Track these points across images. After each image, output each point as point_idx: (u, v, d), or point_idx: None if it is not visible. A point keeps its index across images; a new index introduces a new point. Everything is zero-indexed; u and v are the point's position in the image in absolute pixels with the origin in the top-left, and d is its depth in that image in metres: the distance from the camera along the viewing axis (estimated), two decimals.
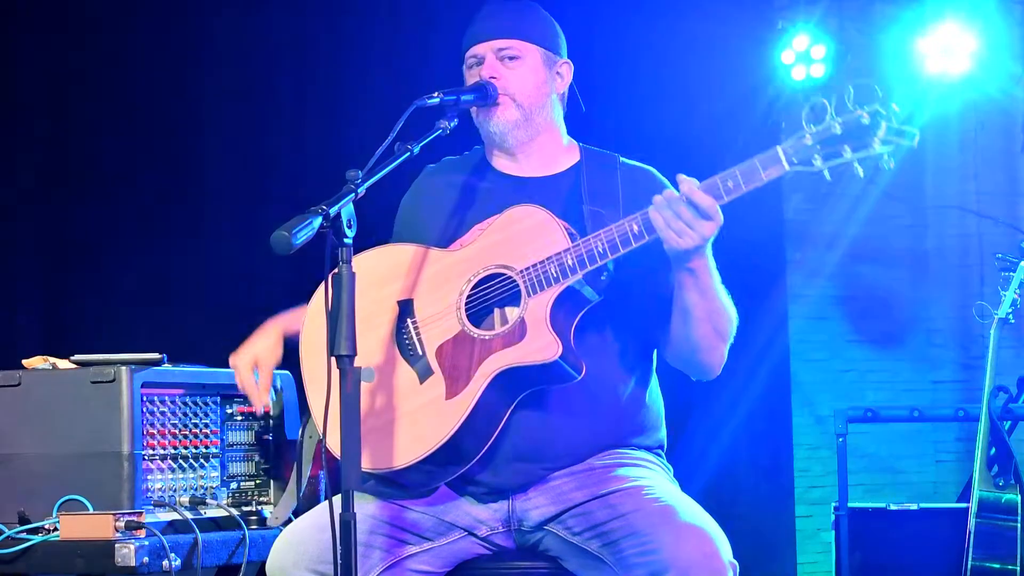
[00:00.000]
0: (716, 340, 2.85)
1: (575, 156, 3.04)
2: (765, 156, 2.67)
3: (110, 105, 5.02)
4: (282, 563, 2.78)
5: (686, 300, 2.78)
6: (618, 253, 2.73)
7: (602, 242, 2.73)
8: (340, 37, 5.26)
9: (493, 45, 2.98)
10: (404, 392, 2.78)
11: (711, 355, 2.87)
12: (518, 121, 2.97)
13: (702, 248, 2.71)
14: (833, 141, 2.65)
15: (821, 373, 7.03)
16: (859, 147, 2.64)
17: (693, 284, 2.75)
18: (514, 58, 2.98)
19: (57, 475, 3.28)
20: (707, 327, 2.81)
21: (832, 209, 6.99)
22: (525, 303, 2.76)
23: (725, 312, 2.84)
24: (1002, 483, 4.54)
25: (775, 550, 6.12)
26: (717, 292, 2.80)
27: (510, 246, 2.82)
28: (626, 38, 5.58)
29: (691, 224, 2.67)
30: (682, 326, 2.82)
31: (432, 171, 3.13)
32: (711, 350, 2.86)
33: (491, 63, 2.97)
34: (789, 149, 2.66)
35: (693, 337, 2.83)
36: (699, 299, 2.77)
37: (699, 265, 2.74)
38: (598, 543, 2.77)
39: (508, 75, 2.96)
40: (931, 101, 6.96)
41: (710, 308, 2.79)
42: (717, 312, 2.81)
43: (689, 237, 2.68)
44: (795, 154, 2.65)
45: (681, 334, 2.83)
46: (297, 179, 5.04)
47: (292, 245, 2.44)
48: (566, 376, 2.75)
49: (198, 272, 5.07)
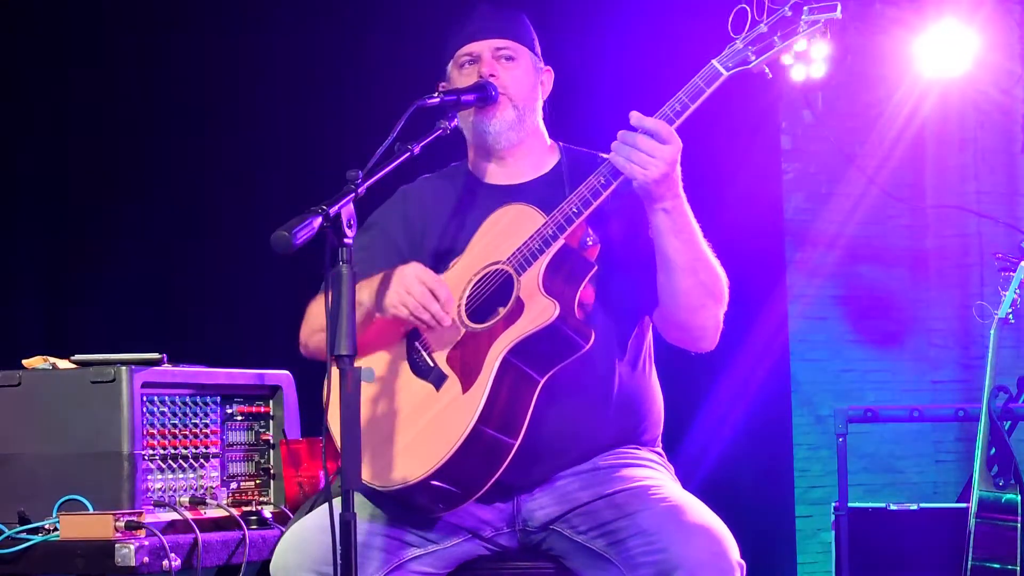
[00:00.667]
0: (704, 297, 2.82)
1: (556, 156, 3.04)
2: (703, 72, 2.76)
3: (110, 105, 5.01)
4: (286, 564, 2.77)
5: (666, 247, 2.77)
6: (591, 207, 2.75)
7: (574, 203, 2.76)
8: (340, 36, 5.26)
9: (491, 44, 2.98)
10: (424, 405, 2.78)
11: (701, 314, 2.84)
12: (513, 122, 2.97)
13: (671, 178, 2.72)
14: (762, 38, 2.76)
15: (821, 373, 7.03)
16: (787, 35, 2.76)
17: (671, 227, 2.75)
18: (510, 59, 2.99)
19: (57, 475, 3.28)
20: (692, 279, 2.79)
21: (832, 209, 6.99)
22: (518, 283, 2.78)
23: (711, 266, 2.82)
24: (1002, 483, 4.54)
25: (775, 550, 6.11)
26: (699, 240, 2.79)
27: (495, 244, 2.85)
28: (624, 38, 5.59)
29: (651, 152, 2.70)
30: (667, 280, 2.80)
31: (410, 193, 3.10)
32: (700, 308, 2.83)
33: (489, 61, 2.97)
34: (723, 58, 2.76)
35: (679, 291, 2.80)
36: (680, 245, 2.76)
37: (674, 206, 2.74)
38: (604, 542, 2.77)
39: (505, 75, 2.97)
40: (931, 101, 6.97)
41: (693, 257, 2.78)
42: (702, 263, 2.80)
43: (653, 166, 2.69)
44: (730, 59, 2.76)
45: (667, 289, 2.81)
46: (297, 179, 5.04)
47: (292, 245, 2.44)
48: (572, 342, 2.74)
49: (198, 272, 5.07)
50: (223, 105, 5.13)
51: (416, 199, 3.07)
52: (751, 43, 2.76)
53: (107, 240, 5.01)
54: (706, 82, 2.75)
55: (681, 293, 2.81)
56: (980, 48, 6.60)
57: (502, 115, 2.96)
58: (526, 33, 3.04)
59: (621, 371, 2.90)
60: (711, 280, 2.82)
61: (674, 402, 3.14)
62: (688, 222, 2.78)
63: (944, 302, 7.25)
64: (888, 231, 7.23)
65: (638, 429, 2.93)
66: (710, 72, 2.75)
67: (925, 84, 6.83)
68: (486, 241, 2.87)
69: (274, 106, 5.19)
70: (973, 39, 6.57)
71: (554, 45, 3.17)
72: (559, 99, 3.14)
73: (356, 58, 5.26)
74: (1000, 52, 6.83)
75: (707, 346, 2.93)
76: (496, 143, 2.98)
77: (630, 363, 2.92)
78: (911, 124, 7.05)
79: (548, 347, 2.75)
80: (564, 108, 3.12)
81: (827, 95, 6.92)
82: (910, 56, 6.70)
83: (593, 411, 2.86)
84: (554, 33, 3.08)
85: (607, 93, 5.14)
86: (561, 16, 5.11)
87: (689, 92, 2.75)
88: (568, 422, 2.84)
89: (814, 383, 6.97)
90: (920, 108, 6.98)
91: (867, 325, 7.20)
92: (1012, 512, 4.51)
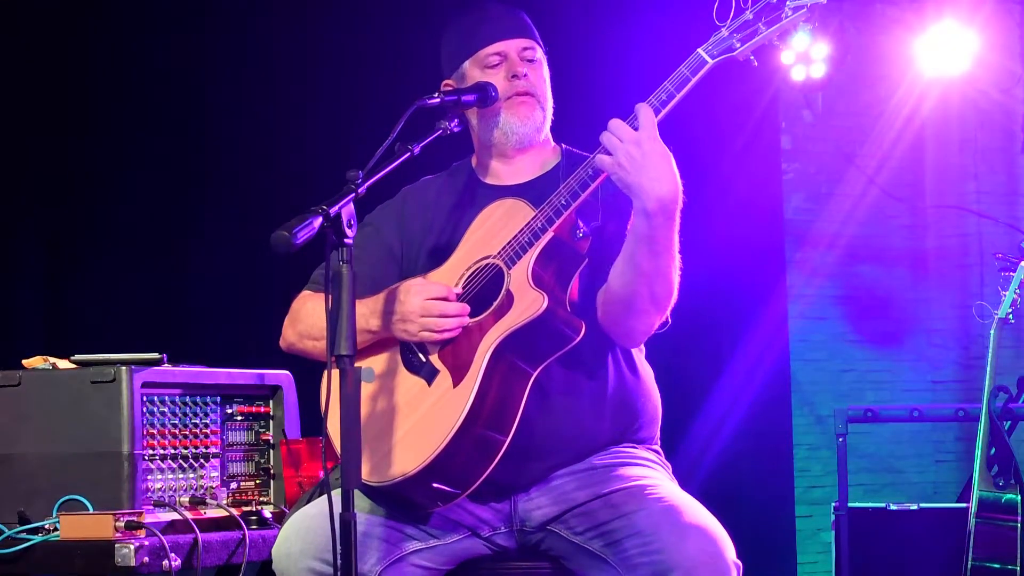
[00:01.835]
0: (649, 305, 2.78)
1: (558, 157, 3.04)
2: (689, 60, 2.75)
3: (110, 105, 5.02)
4: (289, 551, 2.77)
5: (634, 250, 2.72)
6: (580, 199, 2.75)
7: (563, 196, 2.76)
8: (341, 36, 5.26)
9: (518, 44, 2.98)
10: (416, 400, 2.79)
11: (638, 319, 2.81)
12: (540, 124, 2.98)
13: (646, 171, 2.66)
14: (747, 25, 2.75)
15: (821, 373, 7.04)
16: (772, 21, 2.75)
17: (646, 234, 2.68)
18: (533, 60, 2.99)
19: (57, 475, 3.28)
20: (645, 288, 2.74)
21: (832, 209, 6.99)
22: (508, 276, 2.78)
23: (669, 281, 2.77)
24: (1002, 483, 4.54)
25: (775, 550, 6.11)
26: (670, 256, 2.74)
27: (486, 239, 2.85)
28: (624, 39, 5.59)
29: (620, 135, 2.68)
30: (621, 274, 2.76)
31: (410, 194, 3.09)
32: (640, 313, 2.79)
33: (519, 62, 2.96)
34: (709, 46, 2.75)
35: (627, 292, 2.76)
36: (648, 254, 2.71)
37: (657, 210, 2.66)
38: (601, 543, 2.77)
39: (532, 76, 2.97)
40: (931, 101, 6.97)
41: (655, 269, 2.73)
42: (662, 277, 2.74)
43: (620, 151, 2.67)
44: (715, 47, 2.75)
45: (617, 282, 2.77)
46: (297, 179, 5.04)
47: (293, 244, 2.45)
48: (562, 334, 2.74)
49: (198, 272, 5.07)
50: (223, 105, 5.13)
51: (416, 199, 3.07)
52: (736, 30, 2.75)
53: (107, 240, 5.01)
54: (692, 70, 2.74)
55: (629, 294, 2.77)
56: (980, 48, 6.61)
57: (534, 115, 2.96)
58: (537, 35, 3.04)
59: (613, 367, 2.89)
60: (663, 294, 2.78)
61: (674, 402, 3.14)
62: (670, 235, 2.72)
63: (944, 302, 7.26)
64: (888, 231, 7.24)
65: (633, 426, 2.93)
66: (696, 60, 2.75)
67: (925, 84, 6.84)
68: (478, 236, 2.87)
69: (275, 106, 5.19)
70: (973, 39, 6.57)
71: (548, 44, 3.16)
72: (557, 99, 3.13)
73: (357, 58, 5.26)
74: (1000, 52, 6.83)
75: (629, 345, 2.91)
76: (519, 142, 2.97)
77: (622, 359, 2.92)
78: (911, 124, 7.06)
79: (538, 339, 2.75)
80: (557, 109, 3.10)
81: (827, 95, 6.92)
82: (910, 56, 6.71)
83: (586, 407, 2.86)
84: (546, 33, 3.07)
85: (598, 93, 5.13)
86: (551, 15, 5.11)
87: (675, 81, 2.74)
88: (560, 419, 2.83)
89: (814, 383, 6.98)
90: (920, 108, 6.99)
91: (867, 325, 7.21)
92: (1012, 512, 4.51)
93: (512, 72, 2.94)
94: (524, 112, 2.95)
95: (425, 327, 2.76)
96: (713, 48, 2.75)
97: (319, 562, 2.72)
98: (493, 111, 2.94)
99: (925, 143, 7.22)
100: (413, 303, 2.78)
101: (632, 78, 5.11)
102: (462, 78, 2.99)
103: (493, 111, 2.94)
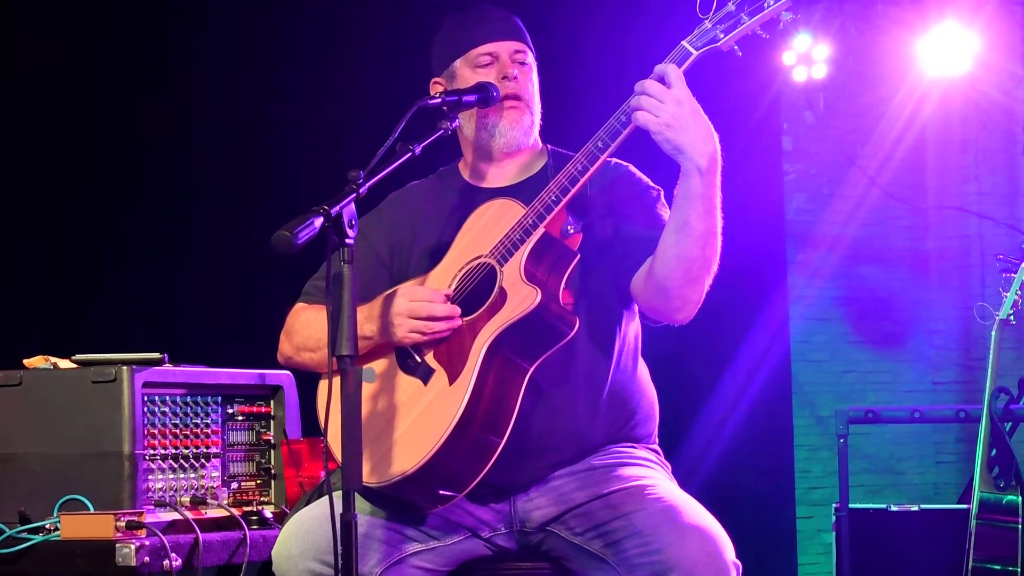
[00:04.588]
0: (703, 270, 2.77)
1: (545, 158, 3.04)
2: (673, 53, 2.75)
3: (110, 105, 5.02)
4: (289, 551, 2.77)
5: (688, 211, 2.70)
6: (569, 194, 2.76)
7: (553, 192, 2.77)
8: (341, 36, 5.26)
9: (510, 46, 2.98)
10: (413, 400, 2.79)
11: (694, 286, 2.78)
12: (529, 127, 2.98)
13: (691, 128, 2.67)
14: (730, 16, 2.75)
15: (822, 374, 7.04)
16: (754, 11, 2.75)
17: (700, 191, 2.68)
18: (524, 63, 2.99)
19: (58, 475, 3.28)
20: (699, 250, 2.73)
21: (833, 210, 6.99)
22: (501, 274, 2.78)
23: (718, 242, 2.77)
24: (1003, 484, 4.54)
25: (775, 551, 6.12)
26: (719, 213, 2.75)
27: (478, 239, 2.85)
28: (625, 39, 5.58)
29: (659, 96, 2.67)
30: (674, 244, 2.73)
31: (399, 199, 3.09)
32: (696, 280, 2.77)
33: (509, 63, 2.96)
34: (692, 38, 2.75)
35: (684, 258, 2.73)
36: (703, 212, 2.70)
37: (709, 167, 2.68)
38: (600, 543, 2.77)
39: (522, 78, 2.97)
40: (932, 102, 6.97)
41: (709, 228, 2.72)
42: (713, 236, 2.74)
43: (663, 111, 2.66)
44: (699, 39, 2.75)
45: (671, 253, 2.74)
46: (298, 179, 5.04)
47: (294, 245, 2.45)
48: (556, 329, 2.75)
49: (198, 272, 5.07)
50: (224, 105, 5.13)
51: (403, 205, 3.07)
52: (719, 22, 2.75)
53: (108, 240, 5.02)
54: (676, 63, 2.73)
55: (685, 260, 2.74)
56: (982, 49, 6.61)
57: (522, 119, 2.96)
58: (529, 40, 3.04)
59: (608, 364, 2.89)
60: (712, 255, 2.77)
61: (675, 403, 3.14)
62: (717, 192, 2.73)
63: (945, 303, 7.26)
64: (889, 232, 7.24)
65: (629, 424, 2.93)
66: (680, 53, 2.74)
67: (927, 85, 6.84)
68: (469, 237, 2.88)
69: (275, 106, 5.19)
70: (975, 40, 6.57)
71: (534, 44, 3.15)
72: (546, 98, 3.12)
73: (357, 58, 5.26)
74: (1002, 53, 6.83)
75: (683, 319, 2.87)
76: (507, 146, 2.97)
77: (617, 356, 2.92)
78: (912, 125, 7.06)
79: (532, 335, 2.75)
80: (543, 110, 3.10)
81: (828, 96, 6.92)
82: (912, 57, 6.70)
83: (581, 406, 2.86)
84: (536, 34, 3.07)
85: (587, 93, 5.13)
86: (533, 15, 5.10)
87: None
88: (556, 417, 2.83)
89: (815, 384, 6.98)
90: (921, 109, 6.99)
91: (868, 326, 7.21)
92: (1013, 513, 4.51)
93: (503, 73, 2.95)
94: (514, 116, 2.95)
95: (414, 329, 2.78)
96: (697, 40, 2.75)
97: (319, 563, 2.72)
98: (484, 114, 2.95)
99: (926, 144, 7.22)
100: (400, 306, 2.79)
101: (616, 79, 5.12)
102: (452, 77, 3.00)
103: (484, 114, 2.95)
